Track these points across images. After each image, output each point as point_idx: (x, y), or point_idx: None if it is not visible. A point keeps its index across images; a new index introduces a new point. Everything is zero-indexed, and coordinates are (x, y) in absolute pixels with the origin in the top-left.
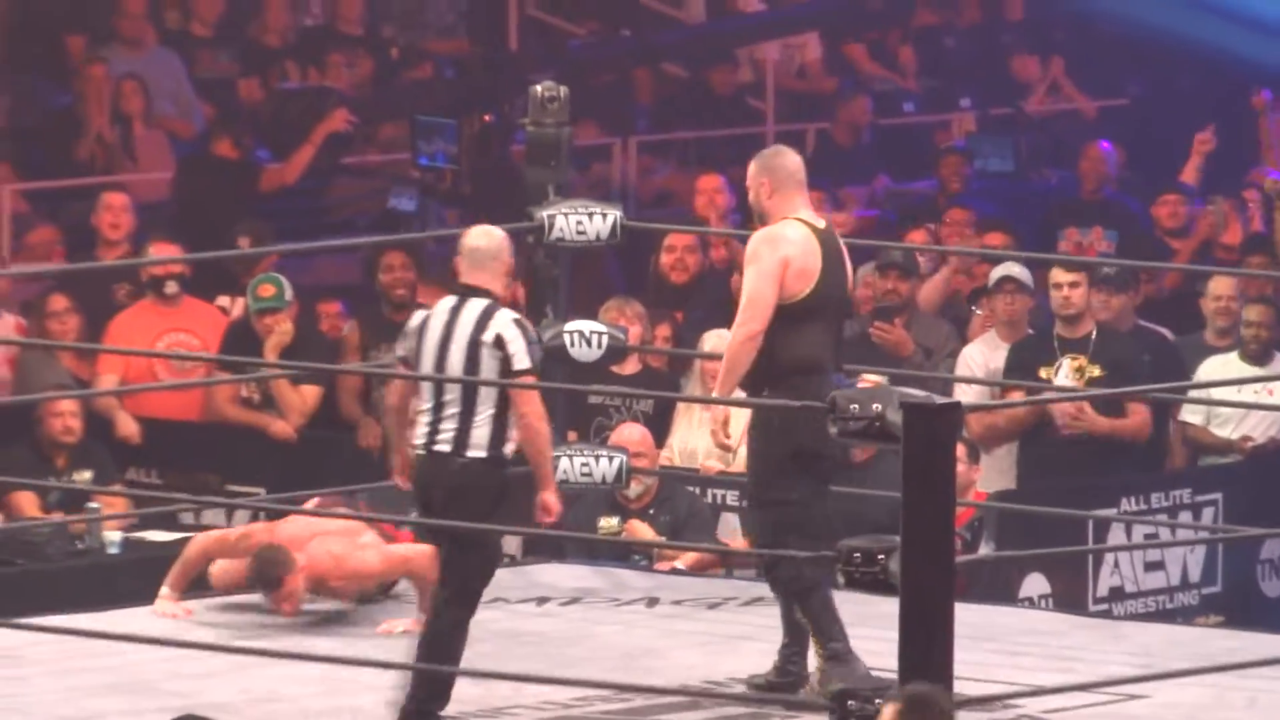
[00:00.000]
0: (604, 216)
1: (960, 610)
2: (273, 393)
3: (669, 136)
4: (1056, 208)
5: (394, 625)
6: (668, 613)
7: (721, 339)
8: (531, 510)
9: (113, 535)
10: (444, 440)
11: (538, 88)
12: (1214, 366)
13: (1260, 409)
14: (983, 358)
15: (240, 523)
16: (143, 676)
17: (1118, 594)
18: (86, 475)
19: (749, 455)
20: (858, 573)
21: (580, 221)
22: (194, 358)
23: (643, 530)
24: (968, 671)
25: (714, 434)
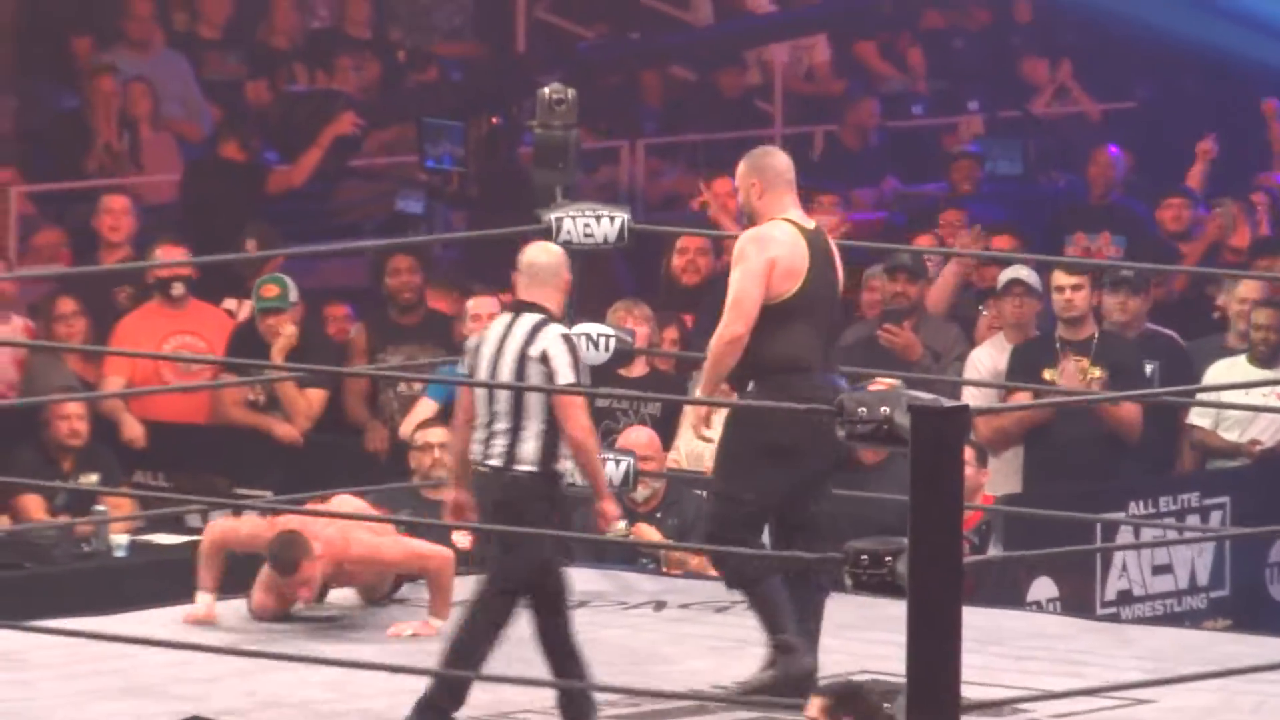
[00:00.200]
0: (612, 219)
1: (968, 614)
2: (279, 396)
3: (677, 139)
4: (1064, 212)
5: (402, 628)
6: (675, 616)
7: None
8: (573, 521)
9: (119, 538)
10: (496, 455)
11: (545, 90)
12: (1222, 370)
13: (1269, 412)
14: (991, 361)
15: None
16: (150, 680)
17: (1125, 598)
18: (93, 478)
19: (717, 446)
20: (865, 575)
21: (588, 224)
22: (200, 360)
23: (650, 534)
24: (975, 675)
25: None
